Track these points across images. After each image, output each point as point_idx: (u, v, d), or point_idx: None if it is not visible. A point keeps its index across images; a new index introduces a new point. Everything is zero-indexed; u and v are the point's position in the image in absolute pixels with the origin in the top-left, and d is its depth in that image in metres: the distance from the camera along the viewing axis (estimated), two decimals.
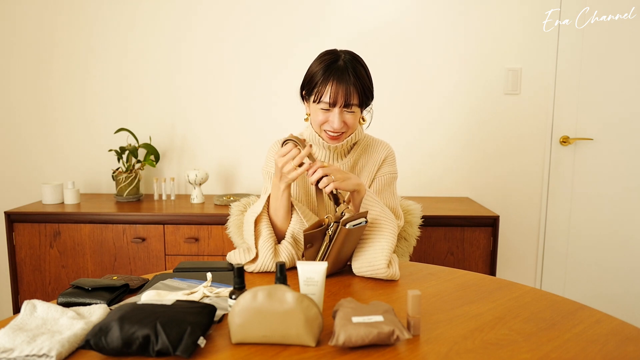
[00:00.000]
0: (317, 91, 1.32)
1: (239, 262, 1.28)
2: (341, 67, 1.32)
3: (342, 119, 1.33)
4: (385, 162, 1.45)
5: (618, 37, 2.38)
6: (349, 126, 1.35)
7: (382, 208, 1.27)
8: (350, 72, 1.31)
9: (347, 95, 1.30)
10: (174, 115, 2.54)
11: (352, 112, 1.34)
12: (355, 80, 1.31)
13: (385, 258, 1.18)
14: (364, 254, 1.22)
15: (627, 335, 0.90)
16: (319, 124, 1.36)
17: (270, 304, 0.83)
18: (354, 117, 1.35)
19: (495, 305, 1.03)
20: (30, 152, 2.57)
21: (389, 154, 1.46)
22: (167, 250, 2.15)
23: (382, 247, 1.20)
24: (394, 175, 1.45)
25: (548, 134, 2.48)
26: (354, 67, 1.33)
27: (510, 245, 2.55)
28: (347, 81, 1.30)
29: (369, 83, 1.37)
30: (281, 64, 2.48)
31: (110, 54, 2.50)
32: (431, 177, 2.53)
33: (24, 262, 2.17)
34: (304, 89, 1.40)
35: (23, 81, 2.53)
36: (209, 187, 2.57)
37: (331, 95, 1.30)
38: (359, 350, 0.83)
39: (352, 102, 1.31)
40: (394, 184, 1.46)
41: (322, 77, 1.31)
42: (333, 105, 1.31)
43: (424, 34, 2.44)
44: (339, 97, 1.30)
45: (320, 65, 1.33)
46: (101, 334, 0.79)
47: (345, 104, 1.31)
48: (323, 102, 1.31)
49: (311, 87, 1.35)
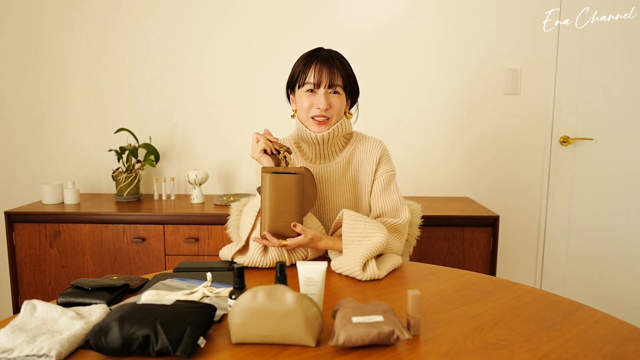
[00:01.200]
0: (302, 76, 1.36)
1: (228, 256, 1.30)
2: (324, 54, 1.38)
3: (328, 100, 1.35)
4: (382, 161, 1.46)
5: (618, 37, 2.38)
6: (334, 109, 1.37)
7: (365, 224, 1.28)
8: (334, 57, 1.37)
9: (332, 75, 1.34)
10: (174, 115, 2.54)
11: (337, 94, 1.36)
12: (339, 64, 1.37)
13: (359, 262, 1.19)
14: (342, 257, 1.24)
15: (627, 335, 0.90)
16: (306, 110, 1.37)
17: (270, 304, 0.83)
18: (339, 101, 1.37)
19: (495, 305, 1.03)
20: (30, 152, 2.57)
21: (383, 153, 1.47)
22: (167, 250, 2.15)
23: (361, 251, 1.21)
24: (392, 173, 1.46)
25: (548, 134, 2.48)
26: (337, 55, 1.39)
27: (510, 245, 2.55)
28: (331, 64, 1.35)
29: (352, 72, 1.41)
30: (281, 64, 2.47)
31: (111, 54, 2.50)
32: (431, 177, 2.53)
33: (24, 262, 2.17)
34: (289, 86, 1.44)
35: (23, 81, 2.53)
36: (209, 187, 2.57)
37: (315, 75, 1.34)
38: (359, 350, 0.83)
39: (337, 83, 1.35)
40: (394, 181, 1.47)
41: (304, 63, 1.37)
42: (318, 86, 1.35)
43: (424, 34, 2.44)
44: (323, 77, 1.34)
45: (302, 57, 1.40)
46: (101, 334, 0.79)
47: (330, 84, 1.34)
48: (307, 84, 1.35)
49: (295, 77, 1.39)
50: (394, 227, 1.39)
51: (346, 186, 1.45)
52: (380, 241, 1.23)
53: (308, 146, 1.43)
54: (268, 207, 1.21)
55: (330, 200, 1.45)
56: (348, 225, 1.27)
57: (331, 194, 1.44)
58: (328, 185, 1.44)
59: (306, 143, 1.43)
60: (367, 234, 1.25)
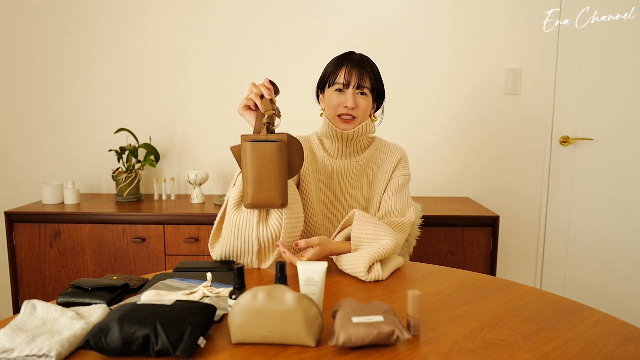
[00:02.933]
0: (332, 76, 1.42)
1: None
2: (355, 57, 1.43)
3: (355, 100, 1.40)
4: (400, 164, 1.50)
5: (618, 37, 2.38)
6: (360, 110, 1.41)
7: (375, 226, 1.27)
8: (365, 61, 1.43)
9: (360, 77, 1.40)
10: (174, 115, 2.54)
11: (364, 95, 1.42)
12: (369, 67, 1.42)
13: (365, 263, 1.18)
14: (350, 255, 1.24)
15: (627, 335, 0.90)
16: (333, 108, 1.42)
17: (270, 304, 0.83)
18: (366, 102, 1.42)
19: (495, 305, 1.03)
20: (30, 152, 2.57)
21: (402, 157, 1.51)
22: (167, 250, 2.15)
23: (368, 253, 1.21)
24: (407, 177, 1.49)
25: (548, 134, 2.48)
26: (367, 59, 1.45)
27: (510, 245, 2.55)
28: (361, 66, 1.41)
29: (380, 77, 1.47)
30: (282, 64, 2.47)
31: (111, 54, 2.50)
32: (431, 177, 2.53)
33: (24, 262, 2.17)
34: (319, 87, 1.49)
35: (23, 81, 2.53)
36: (209, 187, 2.57)
37: (345, 76, 1.40)
38: (359, 350, 0.83)
39: (365, 85, 1.40)
40: (407, 185, 1.50)
41: (336, 64, 1.43)
42: (347, 86, 1.40)
43: (424, 34, 2.44)
44: (353, 78, 1.39)
45: (335, 58, 1.45)
46: (101, 334, 0.79)
47: (358, 85, 1.40)
48: (337, 84, 1.41)
49: (326, 77, 1.45)
50: (398, 225, 1.41)
51: (362, 184, 1.48)
52: (389, 245, 1.23)
53: (332, 142, 1.47)
54: (249, 177, 1.17)
55: (345, 195, 1.47)
56: (358, 225, 1.27)
57: (347, 190, 1.47)
58: (345, 180, 1.47)
59: (330, 139, 1.47)
60: (376, 236, 1.25)
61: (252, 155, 1.17)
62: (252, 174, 1.17)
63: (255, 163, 1.17)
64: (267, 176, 1.17)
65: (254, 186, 1.18)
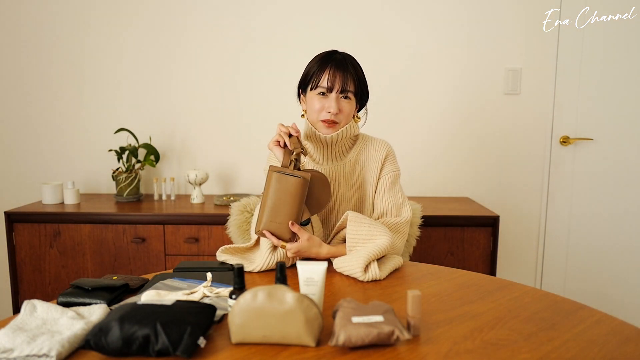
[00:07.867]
0: (315, 79, 1.37)
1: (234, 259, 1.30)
2: (339, 58, 1.38)
3: (339, 105, 1.36)
4: (387, 160, 1.46)
5: (618, 37, 2.38)
6: (344, 114, 1.38)
7: (369, 226, 1.28)
8: (348, 63, 1.38)
9: (344, 81, 1.35)
10: (174, 115, 2.54)
11: (348, 100, 1.37)
12: (353, 70, 1.38)
13: (361, 263, 1.18)
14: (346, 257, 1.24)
15: (627, 335, 0.90)
16: (316, 112, 1.38)
17: (270, 304, 0.83)
18: (349, 106, 1.38)
19: (495, 305, 1.03)
20: (30, 152, 2.57)
21: (389, 152, 1.47)
22: (167, 250, 2.15)
23: (364, 253, 1.21)
24: (397, 173, 1.47)
25: (548, 134, 2.48)
26: (351, 60, 1.40)
27: (510, 245, 2.55)
28: (345, 69, 1.36)
29: (364, 78, 1.42)
30: (281, 64, 2.48)
31: (111, 54, 2.50)
32: (431, 177, 2.53)
33: (24, 262, 2.17)
34: (301, 86, 1.44)
35: (23, 81, 2.53)
36: (209, 187, 2.57)
37: (329, 79, 1.35)
38: (359, 351, 0.83)
39: (349, 89, 1.36)
40: (399, 181, 1.47)
41: (319, 65, 1.37)
42: (330, 90, 1.35)
43: (423, 34, 2.44)
44: (336, 82, 1.35)
45: (317, 58, 1.40)
46: (101, 334, 0.79)
47: (342, 89, 1.35)
48: (320, 87, 1.36)
49: (308, 78, 1.39)
50: (395, 226, 1.39)
51: (352, 186, 1.45)
52: (385, 244, 1.23)
53: (315, 147, 1.43)
54: (267, 205, 1.22)
55: (336, 201, 1.45)
56: (352, 227, 1.27)
57: (338, 195, 1.45)
58: (335, 185, 1.44)
59: (313, 144, 1.43)
60: (371, 236, 1.25)
61: (276, 185, 1.22)
62: (271, 202, 1.22)
63: (276, 193, 1.22)
64: (284, 208, 1.22)
65: (270, 215, 1.22)
